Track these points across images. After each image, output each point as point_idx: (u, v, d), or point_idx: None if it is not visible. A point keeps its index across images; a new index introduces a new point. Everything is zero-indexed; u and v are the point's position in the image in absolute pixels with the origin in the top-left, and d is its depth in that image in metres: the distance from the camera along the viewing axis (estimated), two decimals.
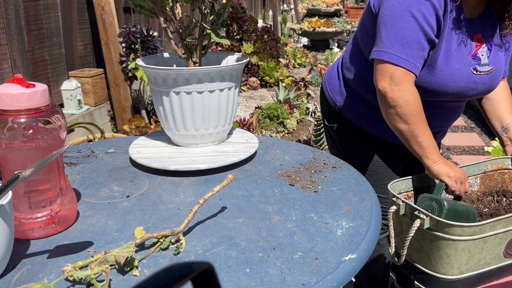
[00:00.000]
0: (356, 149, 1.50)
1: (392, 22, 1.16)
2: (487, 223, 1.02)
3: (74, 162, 1.10)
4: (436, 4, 1.14)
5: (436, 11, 1.14)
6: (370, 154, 1.48)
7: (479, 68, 1.25)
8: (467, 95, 1.28)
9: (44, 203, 0.75)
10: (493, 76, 1.28)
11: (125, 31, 3.66)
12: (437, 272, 1.08)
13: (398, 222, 1.17)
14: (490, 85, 1.28)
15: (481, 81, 1.26)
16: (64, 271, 0.61)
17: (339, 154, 1.55)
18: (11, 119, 0.70)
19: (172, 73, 0.98)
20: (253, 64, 5.65)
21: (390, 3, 1.17)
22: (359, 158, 1.50)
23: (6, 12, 2.91)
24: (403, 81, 1.15)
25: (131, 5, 1.06)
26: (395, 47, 1.15)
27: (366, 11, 1.32)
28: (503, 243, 1.08)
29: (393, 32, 1.15)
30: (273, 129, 4.02)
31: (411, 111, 1.16)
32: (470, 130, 4.55)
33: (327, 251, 0.71)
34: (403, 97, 1.16)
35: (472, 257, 1.05)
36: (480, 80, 1.26)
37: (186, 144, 1.10)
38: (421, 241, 1.09)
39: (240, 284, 0.63)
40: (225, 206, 0.86)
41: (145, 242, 0.73)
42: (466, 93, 1.27)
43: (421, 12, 1.13)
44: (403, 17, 1.14)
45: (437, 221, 1.02)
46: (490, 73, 1.26)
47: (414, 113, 1.17)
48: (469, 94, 1.28)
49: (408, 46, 1.14)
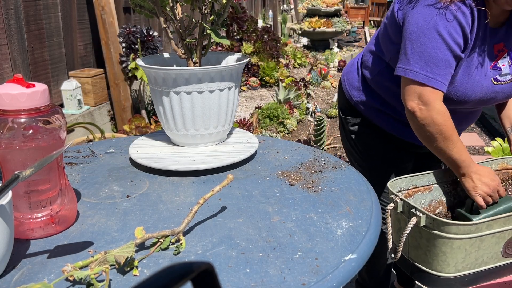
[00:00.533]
0: (368, 144, 1.51)
1: (417, 40, 1.15)
2: (483, 222, 1.02)
3: (74, 162, 1.10)
4: (463, 22, 1.13)
5: (463, 29, 1.14)
6: (381, 150, 1.49)
7: (500, 78, 1.25)
8: (486, 103, 1.29)
9: (44, 203, 0.75)
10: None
11: (125, 31, 3.66)
12: (434, 269, 1.08)
13: (396, 219, 1.18)
14: (509, 94, 1.29)
15: (501, 90, 1.26)
16: (64, 271, 0.61)
17: (350, 147, 1.56)
18: (11, 119, 0.70)
19: (172, 73, 0.98)
20: (253, 64, 5.65)
21: (415, 19, 1.15)
22: (370, 153, 1.51)
23: (6, 12, 2.91)
24: (431, 101, 1.16)
25: (131, 5, 1.06)
26: (421, 65, 1.15)
27: (390, 17, 1.28)
28: (501, 243, 1.08)
29: (419, 50, 1.15)
30: (273, 129, 4.02)
31: (438, 130, 1.17)
32: (470, 130, 4.55)
33: (327, 251, 0.71)
34: (430, 117, 1.17)
35: (468, 255, 1.06)
36: (500, 90, 1.26)
37: (186, 144, 1.10)
38: (418, 239, 1.09)
39: (240, 284, 0.63)
40: (225, 206, 0.86)
41: (145, 242, 0.73)
42: (485, 102, 1.28)
43: (448, 31, 1.12)
44: (429, 36, 1.13)
45: (433, 219, 1.03)
46: (510, 83, 1.26)
47: (442, 131, 1.18)
48: (488, 103, 1.29)
49: (435, 65, 1.14)
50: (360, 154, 1.54)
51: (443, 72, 1.15)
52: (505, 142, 2.17)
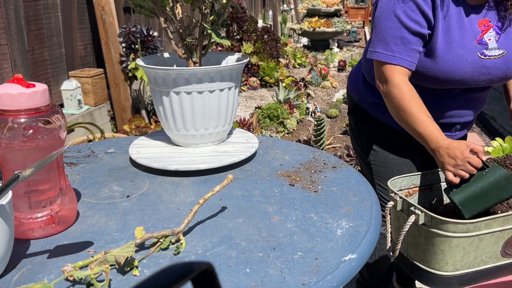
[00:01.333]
0: (370, 139, 1.53)
1: (379, 23, 1.26)
2: (481, 221, 1.02)
3: (74, 162, 1.10)
4: (419, 1, 1.21)
5: (420, 8, 1.22)
6: (383, 145, 1.50)
7: (488, 53, 1.26)
8: (480, 80, 1.28)
9: (44, 203, 0.75)
10: (508, 59, 1.27)
11: (125, 31, 3.66)
12: (432, 268, 1.08)
13: (396, 217, 1.18)
14: (506, 69, 1.28)
15: (493, 65, 1.26)
16: (64, 271, 0.61)
17: (356, 145, 1.60)
18: (11, 119, 0.70)
19: (172, 73, 0.98)
20: (253, 64, 5.65)
21: (379, 5, 1.27)
22: (373, 149, 1.53)
23: (6, 12, 2.91)
24: (389, 76, 1.24)
25: (131, 5, 1.06)
26: (382, 46, 1.25)
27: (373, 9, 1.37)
28: (500, 242, 1.08)
29: (380, 32, 1.26)
30: (273, 129, 4.02)
31: (396, 103, 1.23)
32: (470, 130, 4.55)
33: (327, 251, 0.71)
34: (389, 91, 1.25)
35: (467, 254, 1.06)
36: (492, 65, 1.26)
37: (186, 144, 1.10)
38: (417, 237, 1.10)
39: (240, 284, 0.63)
40: (225, 206, 0.86)
41: (145, 242, 0.73)
42: (478, 79, 1.27)
43: (403, 10, 1.22)
44: (387, 17, 1.24)
45: (431, 217, 1.03)
46: (503, 57, 1.27)
47: (400, 104, 1.23)
48: (483, 80, 1.28)
49: (393, 43, 1.23)
50: (364, 152, 1.56)
51: (402, 49, 1.23)
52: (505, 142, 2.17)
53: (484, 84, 1.31)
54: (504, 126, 4.53)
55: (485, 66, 1.26)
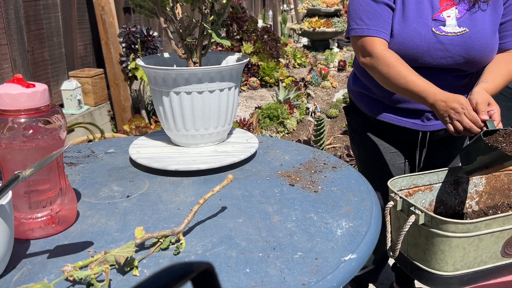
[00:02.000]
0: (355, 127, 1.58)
1: (351, 5, 1.34)
2: (481, 221, 1.02)
3: (74, 162, 1.10)
4: None
5: None
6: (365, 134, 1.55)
7: (444, 29, 1.27)
8: (438, 57, 1.28)
9: (44, 203, 0.75)
10: (468, 38, 1.26)
11: (125, 31, 3.66)
12: (432, 268, 1.08)
13: (396, 217, 1.18)
14: (468, 47, 1.27)
15: (451, 43, 1.26)
16: (64, 271, 0.61)
17: (353, 143, 1.65)
18: (11, 119, 0.70)
19: (172, 73, 0.98)
20: (253, 64, 5.65)
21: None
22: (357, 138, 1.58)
23: (6, 12, 2.91)
24: (371, 48, 1.28)
25: (131, 5, 1.06)
26: (356, 22, 1.31)
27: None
28: (500, 242, 1.08)
29: (352, 11, 1.32)
30: (273, 129, 4.02)
31: (386, 71, 1.26)
32: None
33: (327, 251, 0.71)
34: (375, 62, 1.28)
35: (467, 254, 1.06)
36: (449, 42, 1.26)
37: (186, 144, 1.10)
38: (417, 237, 1.10)
39: (240, 284, 0.63)
40: (225, 206, 0.86)
41: (145, 242, 0.73)
42: (435, 55, 1.28)
43: None
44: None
45: (431, 217, 1.03)
46: (463, 35, 1.26)
47: (390, 70, 1.25)
48: (441, 57, 1.28)
49: (366, 17, 1.29)
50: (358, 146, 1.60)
51: (375, 22, 1.29)
52: None
53: (447, 64, 1.30)
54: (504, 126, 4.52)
55: (441, 42, 1.26)
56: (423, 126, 1.43)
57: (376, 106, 1.48)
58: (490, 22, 1.28)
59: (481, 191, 1.33)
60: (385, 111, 1.45)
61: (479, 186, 1.33)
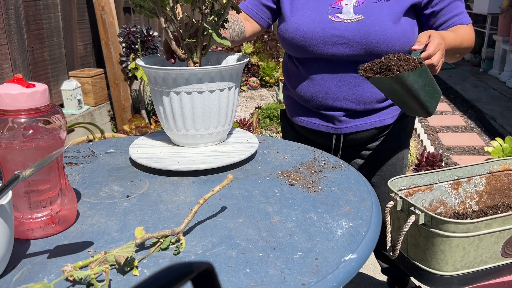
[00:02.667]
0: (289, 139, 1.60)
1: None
2: (481, 221, 1.02)
3: (74, 162, 1.10)
4: None
5: None
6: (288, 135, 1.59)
7: (340, 16, 1.28)
8: (332, 42, 1.28)
9: (44, 203, 0.75)
10: (364, 24, 1.25)
11: (125, 31, 3.66)
12: (432, 268, 1.08)
13: (396, 217, 1.18)
14: (364, 33, 1.26)
15: (346, 29, 1.26)
16: (64, 271, 0.61)
17: None
18: (11, 119, 0.70)
19: (172, 73, 0.99)
20: (253, 64, 5.65)
21: None
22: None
23: (6, 12, 2.91)
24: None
25: (131, 5, 1.06)
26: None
27: None
28: (500, 242, 1.08)
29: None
30: (273, 129, 4.02)
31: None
32: (470, 130, 4.55)
33: (327, 251, 0.71)
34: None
35: (467, 254, 1.06)
36: (345, 28, 1.26)
37: (186, 144, 1.10)
38: (417, 237, 1.10)
39: (240, 284, 0.63)
40: (225, 206, 0.86)
41: (145, 242, 0.73)
42: (329, 40, 1.28)
43: None
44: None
45: (431, 217, 1.03)
46: (359, 21, 1.26)
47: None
48: (336, 43, 1.28)
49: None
50: None
51: (248, 3, 1.43)
52: (505, 142, 2.17)
53: (346, 53, 1.28)
54: (504, 126, 4.53)
55: (335, 28, 1.27)
56: (335, 129, 1.39)
57: (294, 108, 1.48)
58: (389, 10, 1.26)
59: (481, 191, 1.33)
60: (301, 113, 1.45)
61: (479, 186, 1.33)
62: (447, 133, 4.48)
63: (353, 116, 1.38)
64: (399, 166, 1.51)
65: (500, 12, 6.54)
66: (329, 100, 1.36)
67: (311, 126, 1.43)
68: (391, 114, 1.41)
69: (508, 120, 4.76)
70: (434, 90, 1.11)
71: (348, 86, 1.34)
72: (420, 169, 3.01)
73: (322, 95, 1.36)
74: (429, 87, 1.08)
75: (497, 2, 6.70)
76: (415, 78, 1.02)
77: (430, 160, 3.02)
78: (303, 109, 1.44)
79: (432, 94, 1.10)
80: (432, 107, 1.14)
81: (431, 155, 3.05)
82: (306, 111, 1.43)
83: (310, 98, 1.38)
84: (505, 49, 6.53)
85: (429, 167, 3.01)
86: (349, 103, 1.35)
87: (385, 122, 1.40)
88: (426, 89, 1.07)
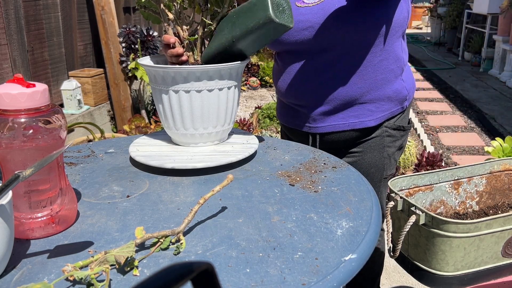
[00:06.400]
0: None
1: None
2: (482, 221, 1.02)
3: (74, 162, 1.10)
4: None
5: None
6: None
7: (306, 1, 1.28)
8: (300, 29, 1.26)
9: (44, 203, 0.75)
10: (326, 4, 1.24)
11: (125, 31, 3.66)
12: (433, 268, 1.09)
13: (396, 217, 1.18)
14: (325, 13, 1.24)
15: (310, 12, 1.26)
16: (64, 271, 0.61)
17: None
18: (11, 119, 0.70)
19: (171, 72, 0.98)
20: (253, 64, 5.64)
21: None
22: None
23: (6, 12, 2.91)
24: None
25: (136, 6, 1.06)
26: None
27: None
28: (501, 242, 1.08)
29: None
30: (273, 129, 4.02)
31: None
32: (470, 130, 4.55)
33: (327, 251, 0.71)
34: None
35: (467, 254, 1.06)
36: (309, 11, 1.26)
37: (186, 143, 1.10)
38: (418, 237, 1.10)
39: (240, 284, 0.63)
40: (225, 206, 0.86)
41: (145, 242, 0.73)
42: (296, 27, 1.26)
43: None
44: None
45: (432, 217, 1.03)
46: (320, 3, 1.25)
47: None
48: (303, 28, 1.27)
49: None
50: None
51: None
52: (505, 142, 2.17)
53: (310, 35, 1.26)
54: (504, 126, 4.53)
55: (302, 13, 1.26)
56: (310, 127, 1.36)
57: (278, 106, 1.49)
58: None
59: (482, 191, 1.33)
60: (282, 111, 1.46)
61: (479, 186, 1.33)
62: (447, 133, 4.48)
63: (328, 113, 1.33)
64: (377, 177, 1.40)
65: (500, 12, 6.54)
66: (302, 94, 1.33)
67: (289, 125, 1.45)
68: (374, 116, 1.32)
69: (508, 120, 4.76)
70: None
71: (318, 80, 1.30)
72: (420, 169, 3.02)
73: (295, 89, 1.35)
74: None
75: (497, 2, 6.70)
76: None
77: (430, 160, 3.02)
78: (283, 106, 1.46)
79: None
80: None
81: (431, 155, 3.05)
82: (286, 109, 1.44)
83: (284, 92, 1.38)
84: (505, 49, 6.54)
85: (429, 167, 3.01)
86: (320, 98, 1.31)
87: (366, 124, 1.32)
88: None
